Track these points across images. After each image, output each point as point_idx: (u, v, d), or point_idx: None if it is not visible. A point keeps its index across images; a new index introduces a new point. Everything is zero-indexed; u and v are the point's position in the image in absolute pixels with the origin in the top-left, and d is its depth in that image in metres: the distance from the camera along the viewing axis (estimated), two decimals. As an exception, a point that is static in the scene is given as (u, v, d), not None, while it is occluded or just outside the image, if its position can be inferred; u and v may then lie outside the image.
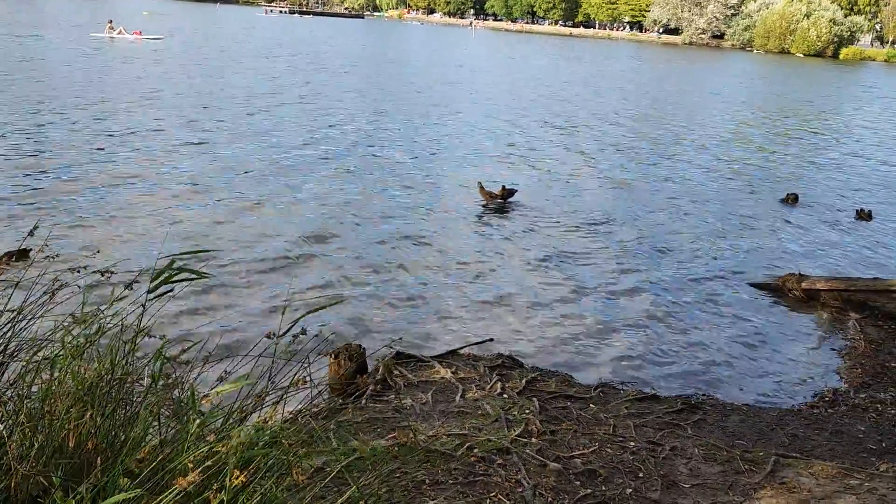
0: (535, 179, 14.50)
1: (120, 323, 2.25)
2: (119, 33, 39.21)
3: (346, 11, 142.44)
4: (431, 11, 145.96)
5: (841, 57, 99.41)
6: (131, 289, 2.20)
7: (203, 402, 1.99)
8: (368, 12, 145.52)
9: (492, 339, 6.84)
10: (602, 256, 10.00)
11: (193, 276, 2.08)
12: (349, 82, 29.01)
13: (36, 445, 1.94)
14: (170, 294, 2.15)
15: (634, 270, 9.55)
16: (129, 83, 22.58)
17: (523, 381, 5.64)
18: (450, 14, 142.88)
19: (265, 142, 15.72)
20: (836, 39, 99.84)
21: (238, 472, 1.71)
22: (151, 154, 13.46)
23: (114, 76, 23.94)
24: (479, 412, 4.87)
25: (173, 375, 2.15)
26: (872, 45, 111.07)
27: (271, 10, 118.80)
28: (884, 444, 5.20)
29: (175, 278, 2.05)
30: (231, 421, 2.00)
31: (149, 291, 2.06)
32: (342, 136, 17.36)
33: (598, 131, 21.74)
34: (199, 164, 13.09)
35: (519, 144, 18.42)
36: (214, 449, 1.80)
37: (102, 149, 13.37)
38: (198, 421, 1.89)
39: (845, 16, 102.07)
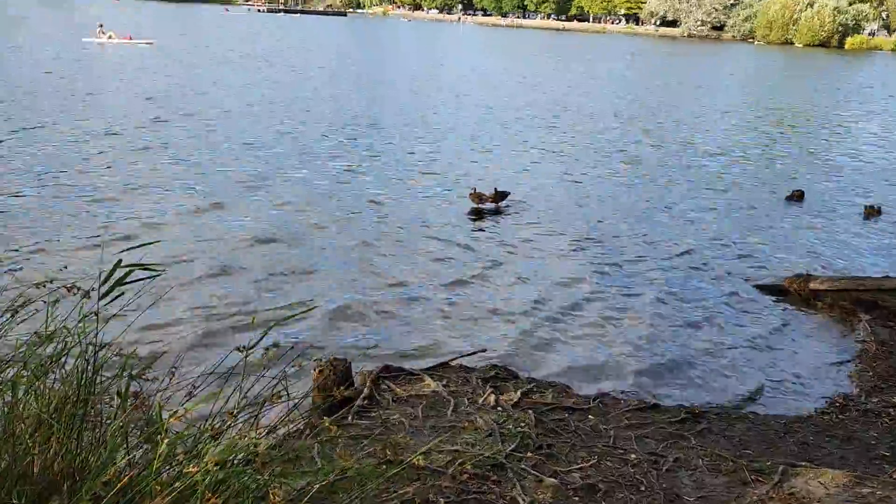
0: (530, 181, 14.53)
1: (85, 340, 2.24)
2: (110, 38, 39.22)
3: (329, 9, 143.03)
4: (418, 7, 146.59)
5: (846, 47, 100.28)
6: (89, 297, 2.20)
7: (173, 420, 1.99)
8: (351, 9, 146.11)
9: (484, 350, 6.83)
10: (600, 261, 10.00)
11: (145, 274, 2.08)
12: (344, 86, 29.22)
13: (-2, 471, 1.94)
14: (134, 306, 2.15)
15: (634, 275, 9.57)
16: (134, 94, 22.58)
17: (518, 393, 5.64)
18: (438, 9, 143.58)
19: (256, 150, 15.73)
20: (840, 29, 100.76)
21: (210, 495, 1.70)
22: (133, 167, 13.34)
23: (128, 88, 23.82)
24: (472, 426, 4.87)
25: (142, 393, 2.14)
26: (878, 33, 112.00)
27: (248, 8, 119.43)
28: (897, 451, 5.22)
29: (128, 278, 2.05)
30: (203, 440, 2.00)
31: (100, 297, 2.06)
32: (331, 137, 17.41)
33: (597, 132, 21.80)
34: (182, 177, 13.06)
35: (514, 147, 18.49)
36: (185, 471, 1.80)
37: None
38: (166, 440, 1.89)
39: (850, 4, 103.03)
